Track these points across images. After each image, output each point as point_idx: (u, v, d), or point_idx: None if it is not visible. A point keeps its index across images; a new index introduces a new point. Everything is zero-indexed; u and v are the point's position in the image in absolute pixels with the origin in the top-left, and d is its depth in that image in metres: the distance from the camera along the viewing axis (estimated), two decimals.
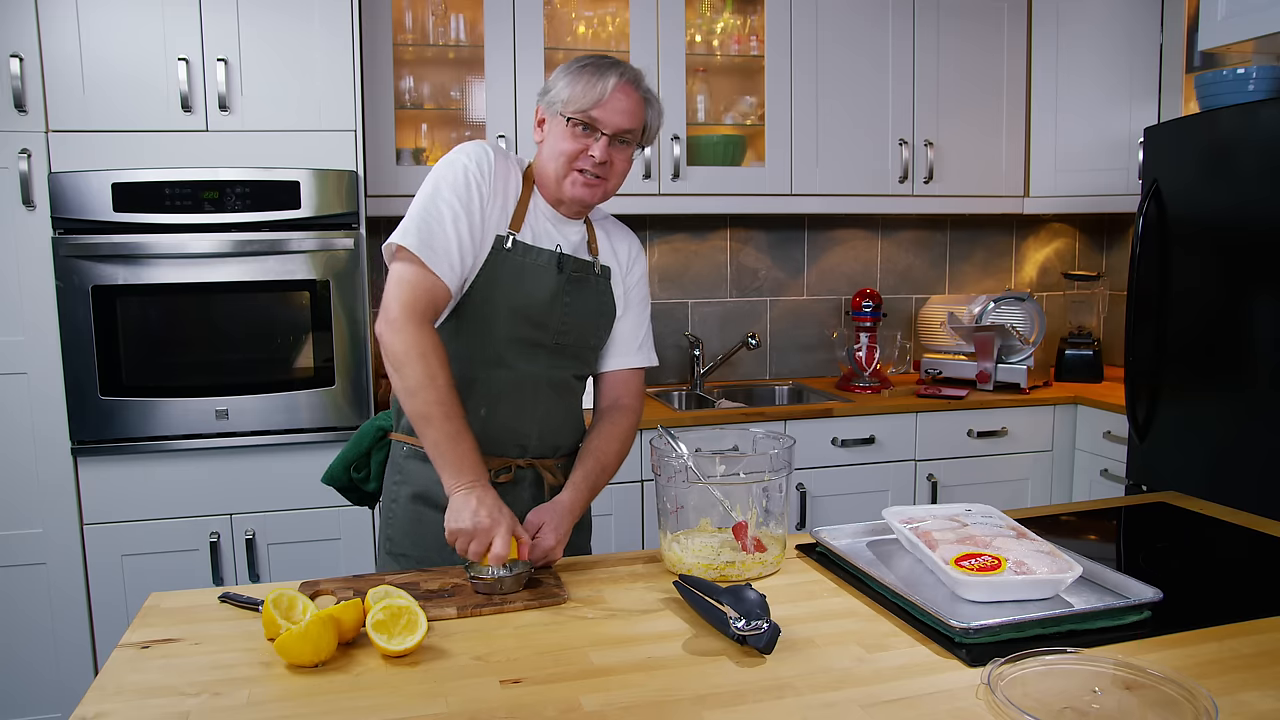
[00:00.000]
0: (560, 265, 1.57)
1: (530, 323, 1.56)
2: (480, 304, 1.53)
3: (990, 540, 1.33)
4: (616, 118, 1.51)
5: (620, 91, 1.51)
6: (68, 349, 2.42)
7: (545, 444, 1.63)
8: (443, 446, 1.40)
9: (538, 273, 1.55)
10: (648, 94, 1.57)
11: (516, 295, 1.53)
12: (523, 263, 1.54)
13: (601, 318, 1.65)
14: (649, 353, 1.74)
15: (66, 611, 2.50)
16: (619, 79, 1.51)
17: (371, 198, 2.78)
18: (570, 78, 1.52)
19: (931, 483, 3.03)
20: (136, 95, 2.43)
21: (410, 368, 1.41)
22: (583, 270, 1.61)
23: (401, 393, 1.43)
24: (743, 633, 1.15)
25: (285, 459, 2.57)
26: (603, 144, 1.52)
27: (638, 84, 1.55)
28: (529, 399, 1.59)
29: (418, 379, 1.40)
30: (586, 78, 1.51)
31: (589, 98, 1.50)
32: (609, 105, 1.50)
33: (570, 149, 1.52)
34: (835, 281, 3.61)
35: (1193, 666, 1.11)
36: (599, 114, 1.50)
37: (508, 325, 1.55)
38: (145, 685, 1.09)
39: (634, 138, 1.56)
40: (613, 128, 1.51)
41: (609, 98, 1.50)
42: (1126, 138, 3.19)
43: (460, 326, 1.55)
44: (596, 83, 1.50)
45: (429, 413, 1.40)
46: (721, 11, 3.20)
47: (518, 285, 1.53)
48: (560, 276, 1.57)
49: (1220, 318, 2.47)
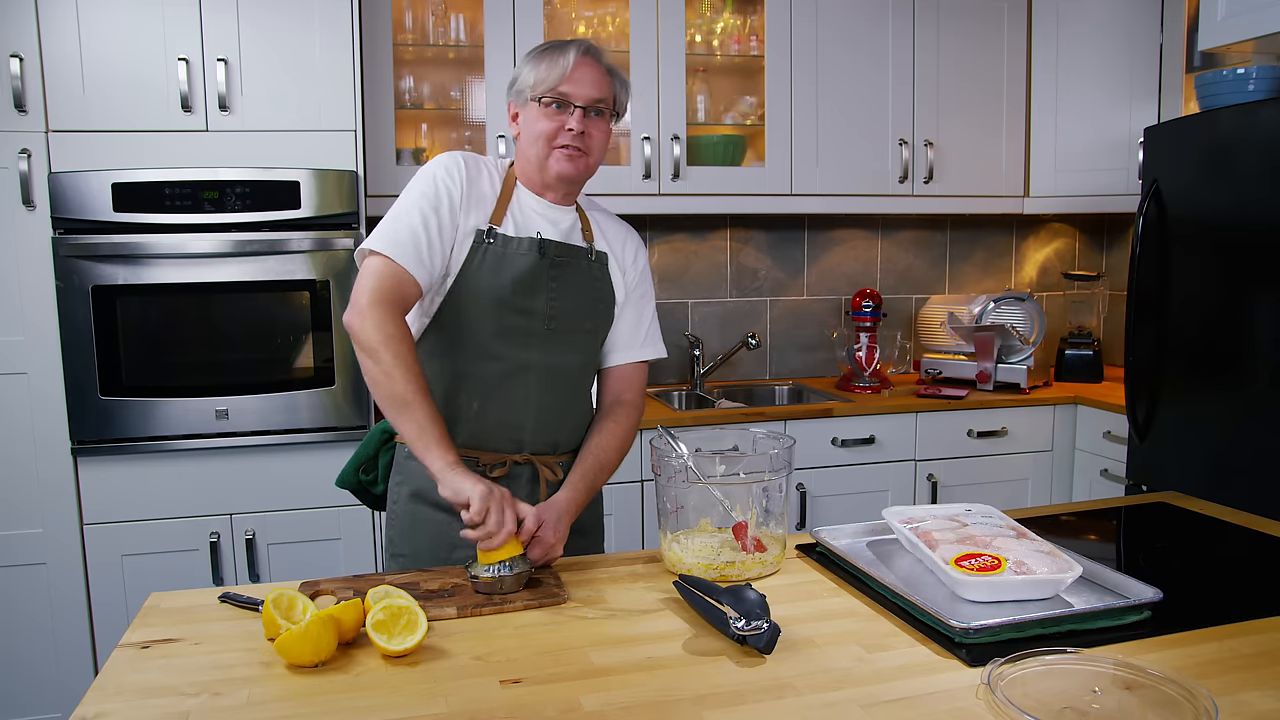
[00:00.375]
0: (542, 250, 1.57)
1: (516, 310, 1.56)
2: (464, 297, 1.54)
3: (990, 540, 1.33)
4: (585, 89, 1.55)
5: (583, 64, 1.56)
6: (68, 349, 2.42)
7: (542, 439, 1.63)
8: (425, 426, 1.41)
9: (517, 260, 1.56)
10: (610, 66, 1.61)
11: (499, 284, 1.54)
12: (503, 252, 1.55)
13: (598, 302, 1.65)
14: (654, 346, 1.75)
15: (66, 611, 2.50)
16: (578, 53, 1.56)
17: (371, 198, 2.78)
18: (532, 63, 1.57)
19: (931, 483, 3.03)
20: (136, 95, 2.43)
21: (383, 352, 1.42)
22: (570, 254, 1.61)
23: (376, 379, 1.43)
24: (743, 633, 1.15)
25: (285, 459, 2.57)
26: (577, 116, 1.55)
27: (599, 57, 1.59)
28: (521, 390, 1.59)
29: (390, 363, 1.41)
30: (548, 58, 1.55)
31: (554, 74, 1.54)
32: (575, 78, 1.54)
33: (548, 128, 1.55)
34: (835, 281, 3.61)
35: (1193, 666, 1.11)
36: (568, 88, 1.55)
37: (493, 314, 1.55)
38: (145, 685, 1.09)
39: (606, 107, 1.59)
40: (584, 99, 1.55)
41: (573, 71, 1.54)
42: (1126, 138, 3.19)
43: (448, 322, 1.56)
44: (559, 59, 1.54)
45: (407, 396, 1.41)
46: (721, 11, 3.20)
47: (498, 274, 1.54)
48: (543, 261, 1.57)
49: (1220, 318, 2.47)
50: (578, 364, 1.66)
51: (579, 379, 1.68)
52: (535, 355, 1.59)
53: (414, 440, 1.42)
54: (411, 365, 1.43)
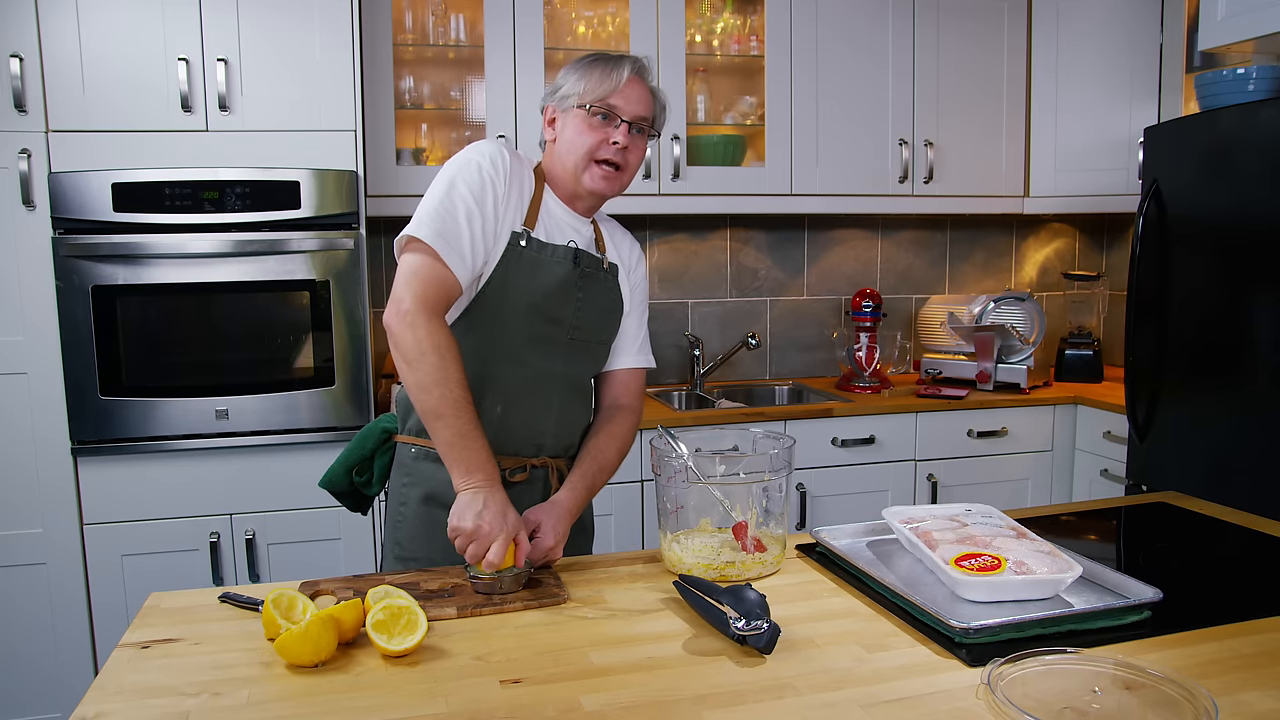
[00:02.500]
0: (576, 260, 1.57)
1: (546, 318, 1.56)
2: (497, 300, 1.53)
3: (990, 540, 1.33)
4: (634, 105, 1.55)
5: (635, 82, 1.56)
6: (68, 349, 2.42)
7: (560, 443, 1.64)
8: (454, 444, 1.38)
9: (553, 268, 1.55)
10: (655, 88, 1.61)
11: (533, 291, 1.53)
12: (538, 259, 1.54)
13: (613, 314, 1.66)
14: (647, 354, 1.76)
15: (66, 611, 2.50)
16: (631, 69, 1.56)
17: (371, 198, 2.78)
18: (582, 71, 1.56)
19: (931, 483, 3.03)
20: (136, 95, 2.43)
21: (424, 362, 1.38)
22: (594, 266, 1.62)
23: (413, 388, 1.40)
24: (743, 633, 1.15)
25: (285, 459, 2.57)
26: (623, 130, 1.55)
27: (648, 77, 1.60)
28: (545, 397, 1.59)
29: (431, 375, 1.37)
30: (600, 69, 1.54)
31: (605, 86, 1.53)
32: (626, 93, 1.54)
33: (591, 140, 1.54)
34: (835, 281, 3.61)
35: (1193, 666, 1.11)
36: (617, 101, 1.54)
37: (525, 321, 1.54)
38: (145, 685, 1.09)
39: (648, 126, 1.59)
40: (631, 114, 1.55)
41: (624, 86, 1.54)
42: (1126, 138, 3.19)
43: (477, 323, 1.54)
44: (611, 72, 1.54)
45: (441, 409, 1.38)
46: (721, 11, 3.20)
47: (534, 281, 1.53)
48: (575, 271, 1.57)
49: (1220, 318, 2.47)
50: (592, 372, 1.69)
51: (590, 386, 1.71)
52: (558, 364, 1.59)
53: (441, 454, 1.41)
54: (451, 376, 1.38)
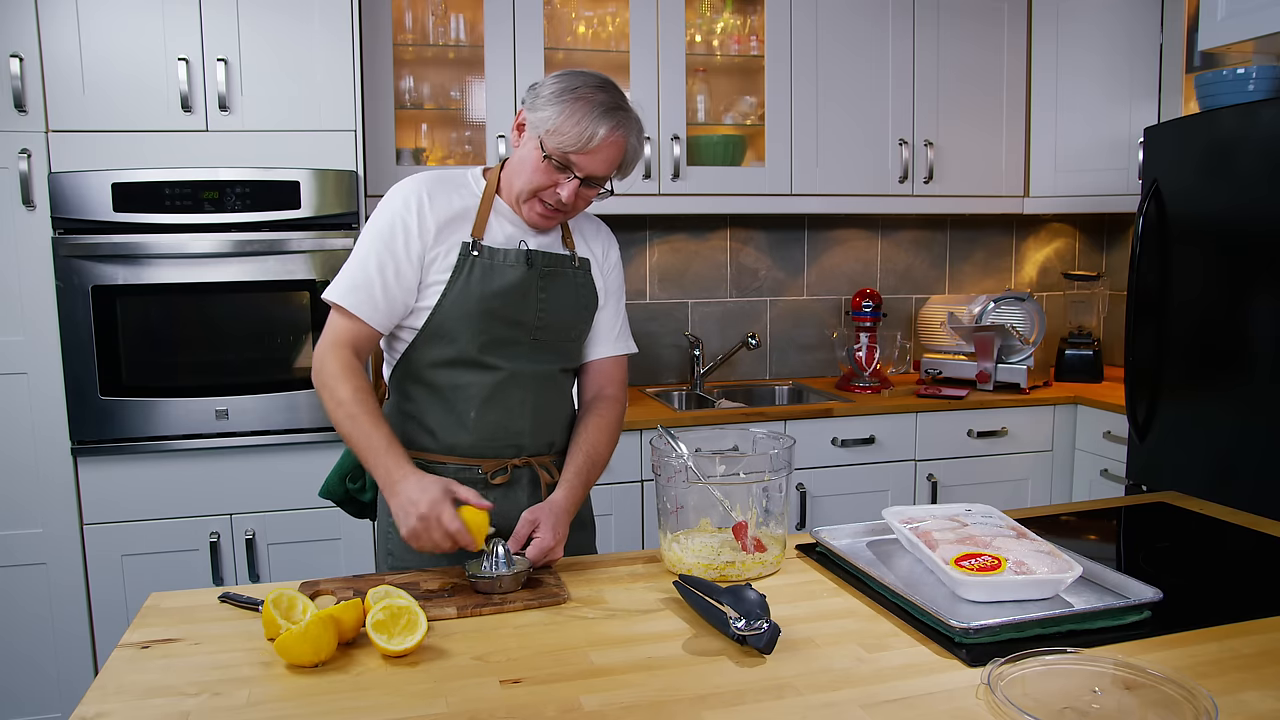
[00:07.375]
0: (530, 261, 1.57)
1: (505, 321, 1.56)
2: (456, 310, 1.54)
3: (990, 540, 1.33)
4: (595, 165, 1.48)
5: (609, 145, 1.46)
6: (68, 349, 2.42)
7: (540, 441, 1.64)
8: (365, 459, 1.45)
9: (505, 272, 1.55)
10: (636, 140, 1.52)
11: (487, 297, 1.53)
12: (490, 264, 1.54)
13: (583, 310, 1.65)
14: (627, 340, 1.75)
15: (67, 611, 2.50)
16: (609, 132, 1.45)
17: (371, 198, 2.78)
18: (562, 108, 1.45)
19: (931, 483, 3.03)
20: (136, 95, 2.43)
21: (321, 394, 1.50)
22: (557, 264, 1.61)
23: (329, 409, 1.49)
24: (743, 633, 1.15)
25: (285, 459, 2.57)
26: (572, 186, 1.49)
27: (629, 133, 1.49)
28: (516, 397, 1.59)
29: (327, 406, 1.49)
30: (579, 117, 1.44)
31: (573, 140, 1.44)
32: (593, 154, 1.46)
33: (539, 183, 1.50)
34: (835, 281, 3.61)
35: (1193, 666, 1.11)
36: (579, 159, 1.47)
37: (482, 326, 1.54)
38: (145, 685, 1.09)
39: (605, 180, 1.54)
40: (587, 173, 1.48)
41: (596, 147, 1.45)
42: (1126, 138, 3.19)
43: (436, 333, 1.55)
44: (588, 127, 1.44)
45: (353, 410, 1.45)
46: (721, 11, 3.19)
47: (487, 286, 1.54)
48: (531, 272, 1.57)
49: (1220, 317, 2.47)
50: (565, 368, 1.68)
51: (567, 380, 1.70)
52: (525, 364, 1.59)
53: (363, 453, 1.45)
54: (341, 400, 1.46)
